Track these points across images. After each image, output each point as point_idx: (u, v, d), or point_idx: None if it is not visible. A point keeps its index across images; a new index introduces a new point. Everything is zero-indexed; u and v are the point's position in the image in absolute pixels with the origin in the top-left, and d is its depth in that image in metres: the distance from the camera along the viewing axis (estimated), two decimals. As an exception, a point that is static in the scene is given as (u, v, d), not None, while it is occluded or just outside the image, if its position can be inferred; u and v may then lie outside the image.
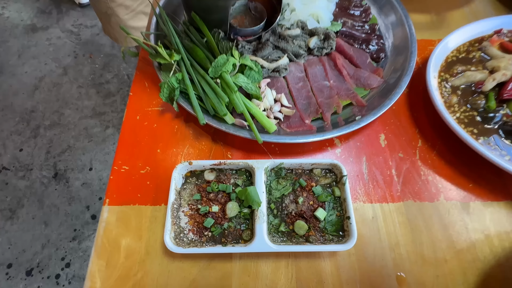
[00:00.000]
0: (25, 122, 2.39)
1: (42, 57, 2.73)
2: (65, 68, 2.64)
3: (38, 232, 1.89)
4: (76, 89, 2.62)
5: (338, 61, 0.72)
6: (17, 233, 1.88)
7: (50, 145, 2.33)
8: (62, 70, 2.63)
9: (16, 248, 1.81)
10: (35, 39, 2.86)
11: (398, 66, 0.71)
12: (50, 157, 2.28)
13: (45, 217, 1.96)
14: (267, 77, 0.71)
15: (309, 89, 0.70)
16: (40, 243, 1.83)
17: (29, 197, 2.04)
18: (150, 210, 0.56)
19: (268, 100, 0.66)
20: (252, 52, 0.72)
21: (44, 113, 2.41)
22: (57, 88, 2.62)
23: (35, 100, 2.51)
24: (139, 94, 0.71)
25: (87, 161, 2.22)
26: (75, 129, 2.41)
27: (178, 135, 0.66)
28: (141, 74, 0.74)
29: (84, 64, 2.74)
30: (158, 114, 0.68)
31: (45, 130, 2.37)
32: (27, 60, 2.69)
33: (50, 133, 2.38)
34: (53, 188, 2.10)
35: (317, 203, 0.53)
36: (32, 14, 3.02)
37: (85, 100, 2.56)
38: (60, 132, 2.39)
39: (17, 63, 2.68)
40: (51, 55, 2.78)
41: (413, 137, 0.66)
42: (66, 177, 2.14)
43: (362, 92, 0.70)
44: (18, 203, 2.02)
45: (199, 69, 0.63)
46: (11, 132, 2.40)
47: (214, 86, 0.60)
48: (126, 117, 0.68)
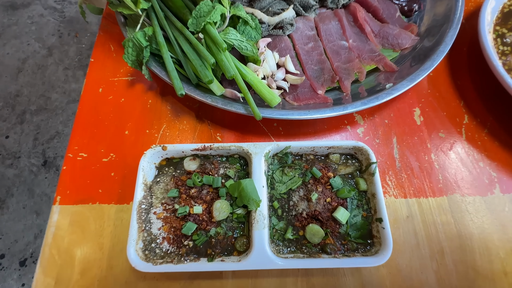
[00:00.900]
0: (10, 107, 2.23)
1: (24, 36, 2.52)
2: (49, 48, 2.44)
3: (30, 222, 1.80)
4: (63, 71, 2.42)
5: (359, 14, 0.55)
6: (8, 223, 1.79)
7: (37, 132, 2.18)
8: (46, 51, 2.43)
9: (8, 239, 1.72)
10: (16, 17, 2.63)
11: (438, 19, 0.54)
12: (38, 144, 2.14)
13: (36, 206, 1.85)
14: (268, 35, 0.54)
15: (322, 51, 0.54)
16: (32, 233, 1.74)
17: (18, 186, 1.93)
18: (115, 210, 0.43)
19: (269, 65, 0.51)
20: (248, 3, 0.55)
21: (30, 98, 2.25)
22: (42, 71, 2.43)
23: (19, 83, 2.33)
24: (103, 61, 0.55)
25: None
26: (63, 114, 2.25)
27: (152, 111, 0.51)
28: (105, 35, 0.58)
29: (70, 44, 2.53)
30: (126, 85, 0.53)
31: (31, 116, 2.21)
32: (8, 41, 2.48)
33: (37, 119, 2.22)
34: (43, 177, 1.98)
35: (337, 201, 0.39)
36: (11, -11, 2.76)
37: (72, 83, 2.37)
38: (47, 118, 2.23)
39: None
40: (34, 34, 2.57)
41: (457, 111, 0.51)
42: (56, 165, 2.02)
43: (391, 54, 0.54)
44: (7, 193, 1.91)
45: (176, 21, 0.47)
46: (-5, 118, 2.23)
47: (195, 43, 0.44)
48: (85, 89, 0.52)
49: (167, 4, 0.49)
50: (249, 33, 0.51)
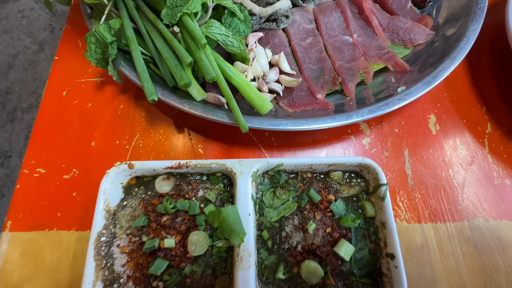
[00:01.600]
0: (0, 105, 2.16)
1: (15, 31, 2.42)
2: (41, 44, 2.35)
3: None
4: (54, 67, 2.32)
5: (365, 4, 0.48)
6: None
7: (29, 130, 2.10)
8: (37, 46, 2.34)
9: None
10: (6, 11, 2.53)
11: (457, 10, 0.46)
12: None
13: None
14: (259, 29, 0.47)
15: (322, 48, 0.47)
16: None
17: (10, 186, 1.86)
18: (75, 239, 0.36)
19: (260, 64, 0.43)
20: (236, -8, 0.48)
21: (21, 95, 2.17)
22: (33, 67, 2.34)
23: (9, 80, 2.25)
24: (68, 59, 0.48)
25: None
26: (54, 112, 2.15)
27: (124, 118, 0.43)
28: (73, 29, 0.51)
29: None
30: (95, 88, 0.46)
31: (22, 114, 2.14)
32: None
33: (29, 117, 2.14)
34: None
35: (338, 231, 0.32)
36: (-1, -18, 2.66)
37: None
38: (38, 116, 2.14)
39: (-14, 39, 2.38)
40: (25, 29, 2.47)
41: (479, 118, 0.44)
42: None
43: (402, 51, 0.47)
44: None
45: (149, 12, 0.39)
46: (-16, 116, 2.16)
47: (169, 38, 0.37)
48: (47, 92, 0.45)
49: (139, -8, 0.42)
50: (236, 27, 0.43)
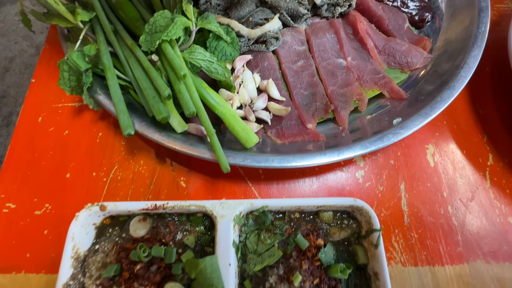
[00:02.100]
0: (-5, 109, 2.14)
1: (12, 34, 2.40)
2: (37, 47, 2.32)
3: None
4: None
5: (360, 25, 0.45)
6: None
7: (23, 135, 2.06)
8: (34, 50, 2.32)
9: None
10: (3, 14, 2.51)
11: (456, 33, 0.44)
12: None
13: None
14: (248, 51, 0.44)
15: (314, 71, 0.44)
16: None
17: None
18: (44, 283, 0.33)
19: (248, 89, 0.41)
20: (224, 10, 0.45)
21: (17, 99, 2.15)
22: (29, 70, 2.31)
23: (6, 84, 2.23)
24: (46, 81, 0.45)
25: None
26: (50, 117, 2.13)
27: (102, 147, 0.41)
28: (52, 48, 0.48)
29: None
30: (72, 113, 0.43)
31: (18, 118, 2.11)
32: (-5, 39, 2.37)
33: (23, 121, 2.11)
34: None
35: (327, 282, 0.29)
36: (-3, -16, 2.65)
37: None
38: (33, 120, 2.11)
39: (-17, 41, 2.36)
40: (22, 32, 2.45)
41: (480, 149, 0.41)
42: None
43: (398, 76, 0.44)
44: None
45: (127, 37, 0.37)
46: (-21, 120, 2.14)
47: (147, 67, 0.34)
48: (22, 118, 0.43)
49: (117, 13, 0.39)
50: (222, 50, 0.41)
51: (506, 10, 0.52)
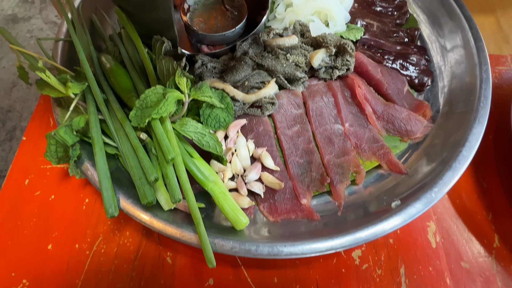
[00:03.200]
0: (0, 123, 2.16)
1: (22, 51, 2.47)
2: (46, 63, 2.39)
3: None
4: (57, 88, 2.34)
5: (358, 90, 0.45)
6: None
7: (25, 150, 2.08)
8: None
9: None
10: (16, 31, 2.60)
11: (456, 104, 0.43)
12: None
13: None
14: (243, 114, 0.44)
15: (310, 138, 0.43)
16: None
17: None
18: None
19: (241, 157, 0.40)
20: (219, 73, 0.45)
21: (22, 113, 2.18)
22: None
23: (12, 98, 2.27)
24: (37, 140, 0.45)
25: None
26: (53, 133, 2.15)
27: (87, 216, 0.39)
28: (46, 104, 0.48)
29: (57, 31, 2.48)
30: (60, 176, 0.42)
31: (21, 132, 2.13)
32: (6, 54, 2.44)
33: (26, 136, 2.13)
34: None
35: None
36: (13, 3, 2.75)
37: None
38: (37, 136, 2.13)
39: (-6, 57, 2.43)
40: (32, 48, 2.52)
41: (485, 228, 0.39)
42: None
43: (397, 145, 0.43)
44: None
45: (118, 110, 0.36)
46: (-16, 133, 2.16)
47: (135, 146, 0.33)
48: (8, 180, 0.41)
49: (110, 81, 0.39)
50: (216, 117, 0.40)
51: (508, 72, 0.51)
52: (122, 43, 0.44)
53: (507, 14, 0.57)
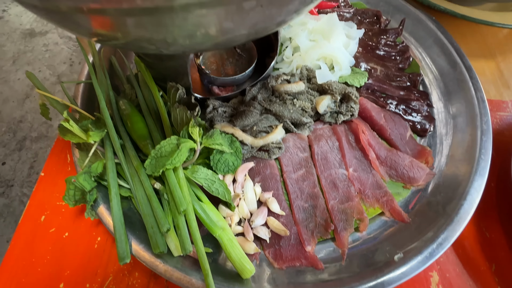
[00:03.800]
0: (12, 133, 2.23)
1: (37, 63, 2.58)
2: (59, 76, 2.48)
3: None
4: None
5: (362, 136, 0.46)
6: None
7: (34, 160, 2.14)
8: (55, 78, 2.47)
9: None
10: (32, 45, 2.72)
11: (458, 154, 0.44)
12: (33, 172, 2.10)
13: None
14: (251, 157, 0.45)
15: (315, 182, 0.44)
16: None
17: (6, 217, 1.85)
18: None
19: (248, 201, 0.41)
20: (229, 117, 0.47)
21: (33, 124, 2.25)
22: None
23: (24, 109, 2.35)
24: (54, 176, 0.47)
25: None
26: (61, 144, 2.20)
27: (99, 255, 0.41)
28: (64, 142, 0.50)
29: (79, 72, 2.57)
30: (75, 214, 0.44)
31: (31, 143, 2.19)
32: (21, 67, 2.54)
33: (36, 146, 2.20)
34: None
35: None
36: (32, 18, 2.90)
37: (75, 112, 2.36)
38: (46, 146, 2.20)
39: (11, 69, 2.53)
40: (47, 61, 2.63)
41: (488, 281, 0.39)
42: None
43: (400, 192, 0.44)
44: None
45: (134, 157, 0.38)
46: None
47: (149, 195, 0.35)
48: (26, 216, 0.43)
49: (127, 127, 0.41)
50: (226, 162, 0.42)
51: (509, 118, 0.52)
52: (138, 86, 0.47)
53: (507, 60, 0.59)
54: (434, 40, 0.54)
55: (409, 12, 0.58)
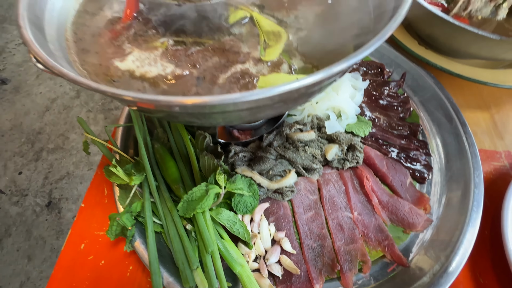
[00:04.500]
0: (30, 144, 2.35)
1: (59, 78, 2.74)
2: (78, 91, 2.63)
3: (20, 267, 1.76)
4: (85, 113, 2.57)
5: (366, 182, 0.52)
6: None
7: (49, 170, 2.24)
8: (75, 93, 2.62)
9: (-8, 284, 1.67)
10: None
11: (453, 203, 0.49)
12: (47, 183, 2.19)
13: (30, 250, 1.84)
14: (266, 198, 0.51)
15: (323, 223, 0.49)
16: (19, 280, 1.69)
17: (18, 226, 1.93)
18: None
19: (263, 239, 0.46)
20: (248, 161, 0.54)
21: (50, 136, 2.37)
22: (67, 111, 2.59)
23: (44, 121, 2.48)
24: (93, 207, 0.53)
25: (82, 191, 2.13)
26: (77, 155, 2.33)
27: (130, 283, 0.46)
28: (103, 175, 0.57)
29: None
30: (110, 243, 0.50)
31: (47, 154, 2.30)
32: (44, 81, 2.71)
33: (52, 157, 2.30)
34: (43, 218, 1.99)
35: None
36: (56, 37, 3.11)
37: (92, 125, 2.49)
38: (61, 157, 2.31)
39: (34, 83, 2.70)
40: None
41: (481, 325, 0.43)
42: (59, 207, 2.04)
43: (400, 236, 0.49)
44: (6, 232, 1.91)
45: (168, 199, 0.45)
46: (14, 153, 2.35)
47: (181, 235, 0.41)
48: (68, 244, 0.50)
49: (162, 171, 0.48)
50: (245, 203, 0.48)
51: (502, 168, 0.57)
52: (170, 130, 0.54)
53: (501, 112, 0.65)
54: (432, 95, 0.60)
55: (410, 67, 0.64)
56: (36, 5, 0.33)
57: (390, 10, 0.35)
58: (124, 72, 0.34)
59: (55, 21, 0.36)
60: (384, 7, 0.36)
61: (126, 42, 0.37)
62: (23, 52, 2.91)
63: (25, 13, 0.31)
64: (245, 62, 0.34)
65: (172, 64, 0.34)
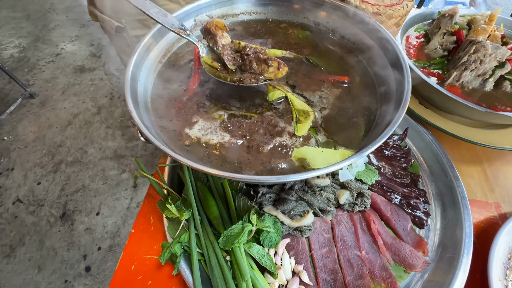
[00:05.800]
0: (51, 156, 2.49)
1: (82, 95, 2.96)
2: (99, 107, 2.82)
3: (30, 277, 1.83)
4: (104, 129, 2.74)
5: (372, 226, 0.61)
6: (9, 274, 1.83)
7: (66, 182, 2.36)
8: (96, 109, 2.81)
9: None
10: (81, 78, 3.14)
11: (448, 245, 0.58)
12: (63, 194, 2.31)
13: (41, 260, 1.91)
14: (287, 234, 0.61)
15: (336, 259, 0.58)
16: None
17: (32, 235, 2.01)
18: None
19: (285, 271, 0.55)
20: (273, 201, 0.64)
21: (70, 149, 2.52)
22: (87, 126, 2.76)
23: (65, 135, 2.65)
24: (141, 233, 0.64)
25: (96, 204, 2.23)
26: (93, 169, 2.46)
27: (172, 303, 0.55)
28: (149, 205, 0.68)
29: (117, 106, 2.92)
30: (156, 266, 0.59)
31: (66, 166, 2.43)
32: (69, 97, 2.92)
33: (70, 170, 2.43)
34: (57, 229, 2.08)
35: None
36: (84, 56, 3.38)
37: (110, 141, 2.65)
38: (79, 170, 2.44)
39: (59, 98, 2.91)
40: (91, 94, 3.01)
41: None
42: (72, 219, 2.14)
43: (402, 275, 0.57)
44: (20, 241, 2.00)
45: (210, 233, 0.55)
46: (35, 164, 2.50)
47: (222, 264, 0.51)
48: (121, 265, 0.59)
49: (205, 208, 0.58)
50: (270, 238, 0.57)
51: (492, 219, 0.66)
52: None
53: (492, 166, 0.74)
54: (431, 150, 0.71)
55: (412, 124, 0.75)
56: (133, 87, 0.46)
57: (393, 92, 0.47)
58: (192, 138, 0.46)
59: (141, 96, 0.48)
60: (390, 89, 0.48)
61: (191, 112, 0.50)
62: (52, 69, 3.17)
63: (129, 96, 0.43)
64: (282, 136, 0.46)
65: (229, 134, 0.46)
